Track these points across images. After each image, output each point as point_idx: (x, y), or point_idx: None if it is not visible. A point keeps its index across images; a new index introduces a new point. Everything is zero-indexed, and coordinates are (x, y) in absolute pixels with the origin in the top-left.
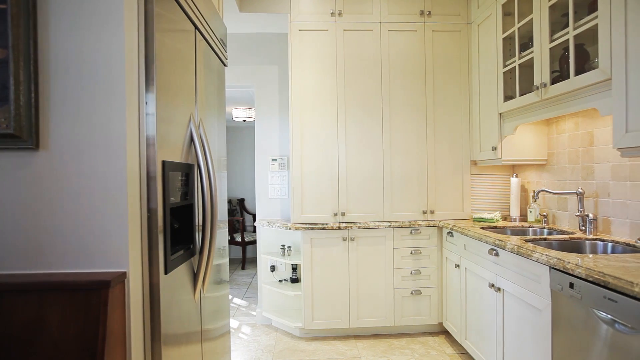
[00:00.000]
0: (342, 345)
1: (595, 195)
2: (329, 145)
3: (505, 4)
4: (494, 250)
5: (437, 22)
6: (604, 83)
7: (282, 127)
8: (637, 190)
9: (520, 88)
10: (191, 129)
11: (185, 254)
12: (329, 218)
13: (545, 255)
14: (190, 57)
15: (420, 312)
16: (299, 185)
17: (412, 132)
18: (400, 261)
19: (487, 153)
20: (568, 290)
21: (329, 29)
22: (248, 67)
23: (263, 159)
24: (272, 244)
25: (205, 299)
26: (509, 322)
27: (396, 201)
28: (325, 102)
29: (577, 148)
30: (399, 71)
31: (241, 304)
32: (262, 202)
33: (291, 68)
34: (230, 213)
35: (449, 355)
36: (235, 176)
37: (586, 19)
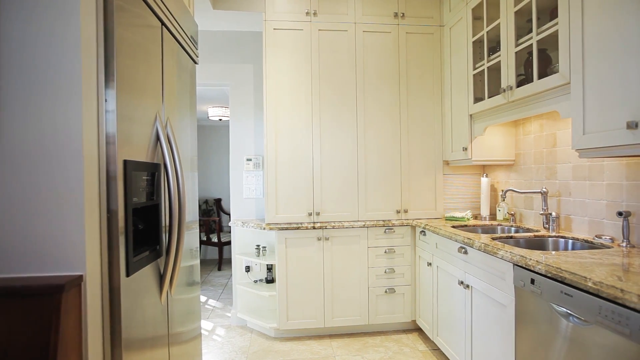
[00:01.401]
0: (317, 344)
1: (558, 194)
2: (304, 145)
3: (475, 8)
4: (463, 249)
5: (411, 24)
6: (563, 87)
7: (258, 127)
8: (595, 190)
9: (489, 90)
10: (157, 127)
11: (150, 255)
12: (304, 218)
13: (509, 253)
14: (156, 54)
15: (395, 310)
16: (274, 185)
17: (386, 132)
18: (375, 260)
19: (458, 153)
20: (530, 286)
21: (304, 29)
22: (223, 65)
23: (238, 159)
24: (247, 244)
25: (174, 301)
26: (477, 318)
27: (371, 201)
28: (300, 102)
29: (542, 149)
30: (373, 72)
31: (216, 306)
32: (237, 202)
33: (266, 67)
34: (207, 213)
35: (422, 352)
36: (212, 176)
37: (548, 24)
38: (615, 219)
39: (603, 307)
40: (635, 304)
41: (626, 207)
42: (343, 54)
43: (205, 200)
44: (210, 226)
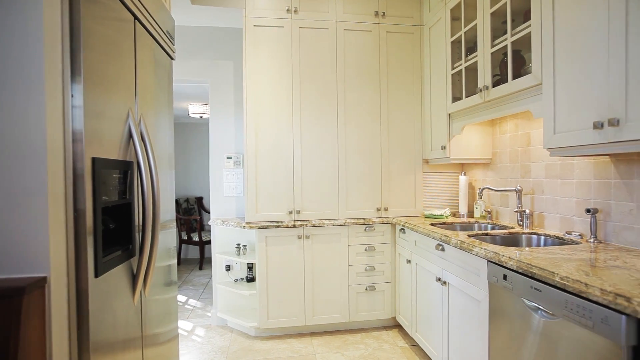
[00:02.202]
0: (298, 342)
1: (531, 192)
2: (284, 143)
3: (453, 8)
4: (441, 246)
5: (392, 23)
6: (536, 87)
7: (238, 124)
8: (566, 188)
9: (467, 90)
10: (130, 124)
11: (123, 255)
12: (284, 216)
13: (484, 250)
14: (128, 49)
15: (375, 307)
16: (254, 183)
17: (367, 131)
18: (355, 258)
19: (437, 152)
20: (502, 282)
21: (285, 26)
22: (203, 61)
23: (218, 157)
24: (227, 243)
25: (149, 302)
26: (454, 313)
27: (351, 199)
28: (281, 99)
29: (517, 148)
30: (354, 70)
31: (197, 306)
32: (217, 200)
33: (246, 64)
34: (188, 212)
35: (401, 348)
36: (193, 174)
37: (522, 26)
38: (584, 215)
39: (569, 301)
40: (598, 298)
41: (594, 205)
42: (324, 52)
43: (187, 199)
44: (192, 225)
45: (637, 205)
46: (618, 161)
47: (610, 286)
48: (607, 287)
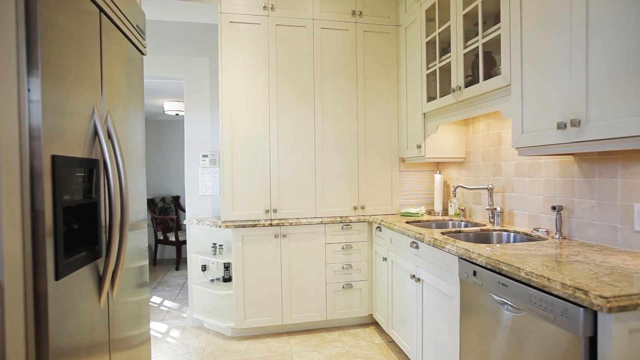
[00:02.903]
0: (275, 342)
1: (502, 190)
2: (261, 141)
3: (428, 9)
4: (415, 243)
5: (368, 22)
6: (505, 88)
7: (214, 122)
8: (534, 186)
9: (441, 90)
10: (95, 121)
11: (88, 256)
12: (261, 215)
13: (455, 247)
14: (94, 43)
15: (352, 305)
16: (230, 181)
17: (344, 130)
18: (332, 256)
19: (413, 151)
20: (472, 278)
21: (262, 23)
22: (177, 57)
23: (193, 155)
24: (203, 242)
25: (117, 304)
26: (427, 310)
27: (328, 197)
28: (258, 97)
29: (489, 147)
30: (331, 69)
31: (172, 307)
32: (193, 199)
33: (221, 61)
34: (164, 211)
35: (377, 345)
36: (169, 173)
37: (492, 29)
38: (551, 213)
39: (533, 295)
40: (559, 292)
41: (559, 202)
42: (301, 50)
43: (163, 198)
44: (168, 225)
45: (598, 202)
46: (581, 160)
47: (570, 280)
48: (567, 281)
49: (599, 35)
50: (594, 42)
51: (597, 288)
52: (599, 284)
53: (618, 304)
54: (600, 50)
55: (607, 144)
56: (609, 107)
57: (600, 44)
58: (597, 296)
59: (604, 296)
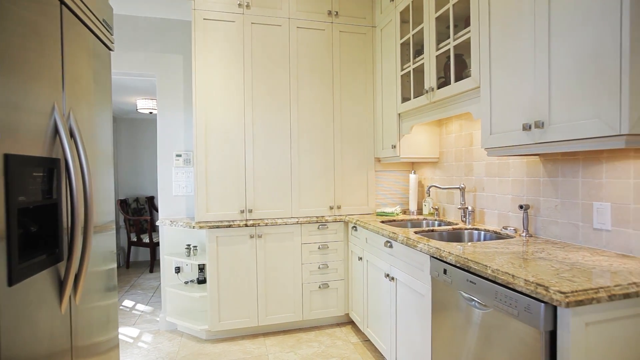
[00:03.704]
0: (250, 344)
1: (474, 189)
2: (236, 141)
3: (402, 11)
4: (389, 243)
5: (344, 23)
6: (475, 90)
7: (188, 121)
8: (503, 185)
9: (415, 91)
10: (55, 118)
11: (48, 259)
12: (236, 215)
13: (427, 246)
14: (54, 36)
15: (328, 304)
16: (204, 181)
17: (320, 129)
18: (309, 256)
19: (388, 151)
20: (443, 276)
21: (236, 21)
22: (149, 54)
23: (166, 154)
24: (177, 244)
25: (81, 310)
26: (401, 308)
27: (304, 197)
28: (233, 96)
29: (461, 147)
30: (307, 68)
31: (145, 310)
32: (166, 200)
33: (195, 58)
34: (138, 212)
35: (353, 344)
36: (143, 173)
37: (463, 32)
38: (518, 211)
39: (499, 292)
40: (522, 288)
41: (526, 201)
42: (277, 49)
43: (136, 199)
44: (142, 226)
45: (562, 201)
46: (546, 161)
47: (533, 277)
48: (530, 277)
49: (559, 42)
50: (555, 49)
51: (557, 284)
52: (559, 280)
53: (575, 298)
54: (561, 56)
55: (567, 145)
56: (569, 110)
57: (561, 50)
58: (556, 291)
59: (562, 291)
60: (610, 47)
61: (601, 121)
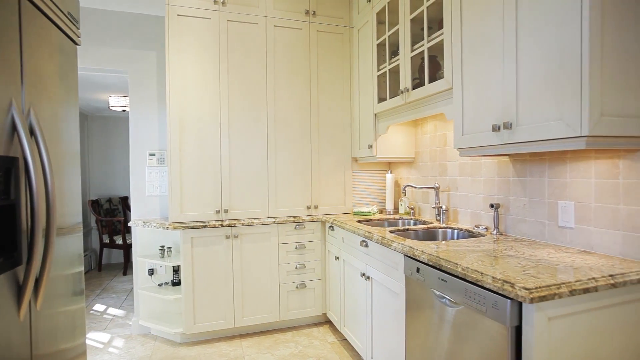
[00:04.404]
0: (227, 346)
1: (448, 189)
2: (211, 140)
3: (379, 12)
4: (365, 242)
5: (322, 22)
6: (448, 91)
7: (162, 119)
8: (475, 185)
9: (390, 91)
10: (13, 115)
11: (4, 263)
12: (212, 215)
13: (401, 245)
14: (11, 29)
15: (306, 304)
16: (178, 181)
17: (297, 128)
18: (286, 256)
19: (365, 150)
20: (416, 275)
21: (212, 18)
22: (121, 50)
23: (139, 153)
24: (150, 245)
25: (43, 316)
26: (376, 307)
27: (281, 197)
28: (208, 94)
29: (436, 148)
30: (284, 67)
31: (117, 314)
32: (139, 200)
33: (169, 55)
34: (111, 213)
35: (331, 343)
36: (116, 172)
37: (436, 34)
38: (490, 210)
39: (468, 289)
40: (490, 285)
41: (497, 200)
42: (253, 47)
43: (109, 199)
44: (115, 227)
45: (530, 200)
46: (515, 161)
47: (500, 274)
48: (498, 275)
49: (526, 46)
50: (523, 52)
51: (523, 280)
52: (525, 277)
53: (539, 294)
54: (528, 60)
55: (534, 146)
56: (535, 112)
57: (528, 54)
58: (521, 288)
59: (527, 287)
60: (572, 52)
61: (564, 123)
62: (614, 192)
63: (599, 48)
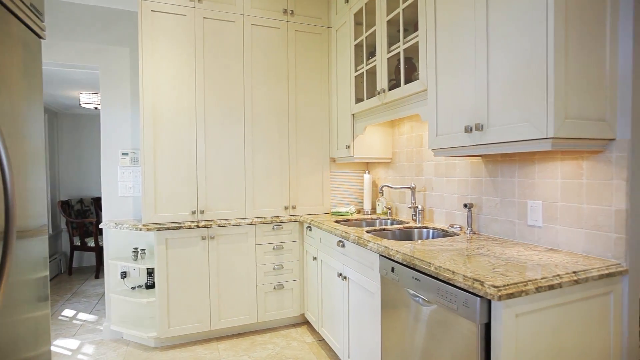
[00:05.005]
0: (203, 349)
1: (424, 189)
2: (187, 139)
3: (356, 13)
4: (341, 242)
5: (300, 22)
6: (423, 92)
7: (136, 117)
8: (450, 185)
9: (368, 92)
10: None
11: None
12: (187, 216)
13: (377, 244)
14: None
15: (284, 305)
16: (152, 181)
17: (274, 128)
18: (263, 257)
19: (342, 151)
20: (391, 274)
21: (187, 15)
22: (93, 45)
23: (111, 153)
24: (123, 247)
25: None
26: (353, 307)
27: (259, 197)
28: (183, 92)
29: (412, 148)
30: (262, 66)
31: (88, 320)
32: (111, 201)
33: (142, 52)
34: (82, 214)
35: (308, 344)
36: (88, 172)
37: (411, 36)
38: (463, 210)
39: (440, 288)
40: (461, 283)
41: (470, 200)
42: (230, 46)
43: (80, 200)
44: (87, 229)
45: (501, 200)
46: (487, 162)
47: (471, 272)
48: (469, 273)
49: (497, 50)
50: (493, 55)
51: (492, 278)
52: (494, 275)
53: (507, 292)
54: (498, 65)
55: (503, 147)
56: (504, 114)
57: (498, 57)
58: (490, 286)
59: (495, 285)
60: (538, 56)
61: (531, 125)
62: (578, 192)
63: (563, 54)
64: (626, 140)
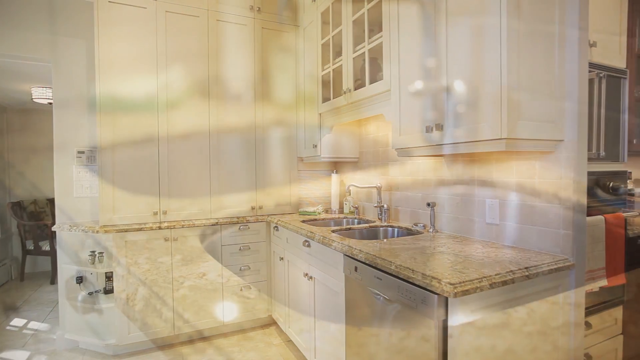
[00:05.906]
0: (165, 355)
1: (389, 188)
2: (149, 137)
3: (323, 12)
4: (307, 242)
5: (267, 20)
6: (387, 93)
7: (93, 114)
8: (415, 185)
9: (334, 91)
10: None
11: None
12: (149, 217)
13: (341, 244)
14: None
15: (251, 307)
16: (110, 180)
17: (242, 126)
18: (229, 258)
19: (310, 150)
20: (354, 274)
21: (148, 7)
22: (43, 36)
23: (66, 151)
24: (79, 251)
25: None
26: (319, 306)
27: (225, 197)
28: (144, 88)
29: (379, 148)
30: (228, 63)
31: (40, 329)
32: (66, 202)
33: (99, 44)
34: (37, 216)
35: (276, 345)
36: (43, 172)
37: (376, 36)
38: (427, 209)
39: (401, 286)
40: (420, 281)
41: (433, 199)
42: (194, 41)
43: (34, 201)
44: (42, 232)
45: (462, 198)
46: (449, 161)
47: (430, 270)
48: (427, 271)
49: (454, 56)
50: (451, 58)
51: (449, 276)
52: (452, 272)
53: (462, 288)
54: (456, 69)
55: (462, 147)
56: (463, 116)
57: (455, 60)
58: (447, 283)
59: (452, 283)
60: (493, 63)
61: (487, 125)
62: (531, 191)
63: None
64: (574, 142)
